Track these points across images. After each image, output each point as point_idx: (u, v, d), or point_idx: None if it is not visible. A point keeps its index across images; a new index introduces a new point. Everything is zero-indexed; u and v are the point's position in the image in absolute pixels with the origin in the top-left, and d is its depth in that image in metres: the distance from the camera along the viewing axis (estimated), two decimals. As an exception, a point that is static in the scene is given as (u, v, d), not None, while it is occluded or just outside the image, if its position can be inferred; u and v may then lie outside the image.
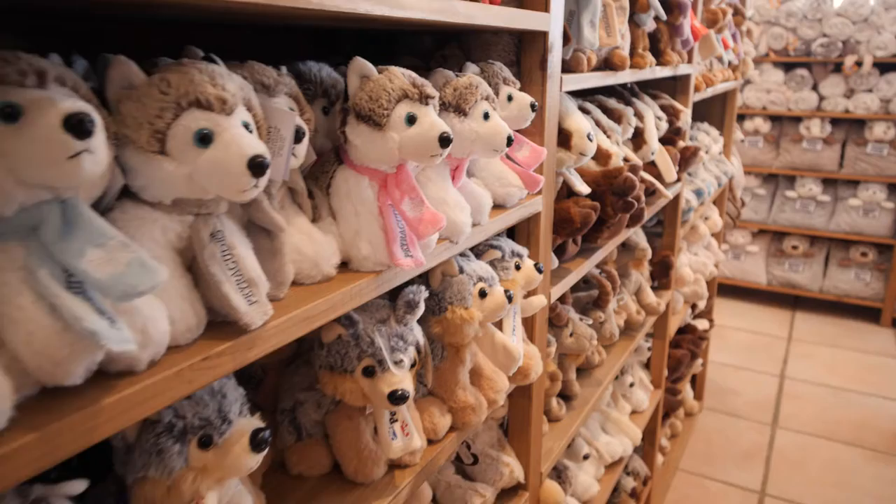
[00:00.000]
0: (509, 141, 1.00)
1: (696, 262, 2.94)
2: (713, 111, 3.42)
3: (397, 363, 0.89)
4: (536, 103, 1.16)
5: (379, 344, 0.88)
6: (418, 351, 0.94)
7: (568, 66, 1.42)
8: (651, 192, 2.08)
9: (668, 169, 2.11)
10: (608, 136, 1.75)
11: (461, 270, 1.05)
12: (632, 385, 2.24)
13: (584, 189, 1.45)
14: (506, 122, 1.13)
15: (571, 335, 1.63)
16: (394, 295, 0.96)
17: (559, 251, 1.53)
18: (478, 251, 1.19)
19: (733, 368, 4.07)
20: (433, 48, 1.34)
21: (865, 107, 4.49)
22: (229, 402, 0.71)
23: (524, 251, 1.25)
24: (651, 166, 2.12)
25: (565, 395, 1.78)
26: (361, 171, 0.85)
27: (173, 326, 0.61)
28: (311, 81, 0.94)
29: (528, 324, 1.36)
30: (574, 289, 1.86)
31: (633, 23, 1.75)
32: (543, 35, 1.21)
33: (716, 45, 2.40)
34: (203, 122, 0.60)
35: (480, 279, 1.06)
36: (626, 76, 1.66)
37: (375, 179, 0.85)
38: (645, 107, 2.02)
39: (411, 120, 0.82)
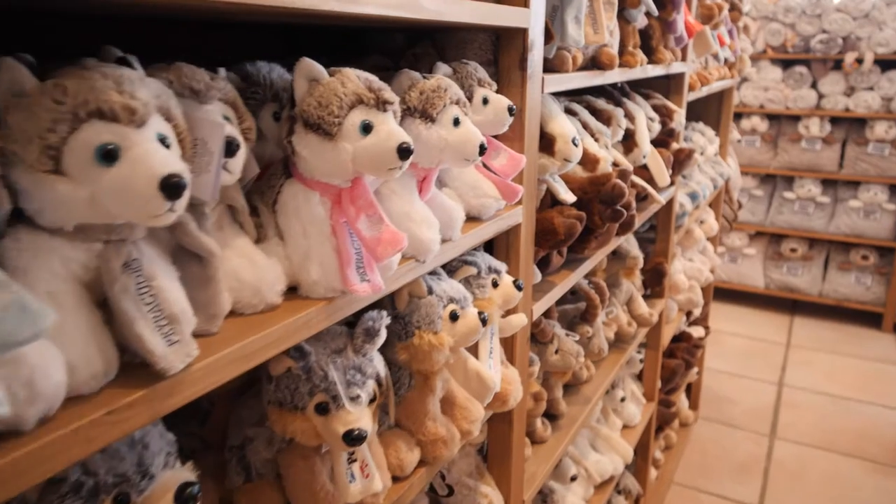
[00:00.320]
0: (482, 149, 0.93)
1: (690, 269, 2.87)
2: (709, 110, 3.35)
3: (354, 399, 0.81)
4: (514, 106, 1.08)
5: (333, 378, 0.80)
6: (379, 384, 0.86)
7: (551, 66, 1.35)
8: (643, 198, 2.01)
9: (661, 173, 2.04)
10: (596, 140, 1.67)
11: (430, 291, 0.98)
12: (623, 399, 2.17)
13: (569, 197, 1.37)
14: (481, 127, 1.06)
15: (557, 352, 1.55)
16: (357, 320, 0.88)
17: (543, 263, 1.45)
18: (451, 268, 1.12)
19: (730, 376, 4.01)
20: (405, 47, 1.26)
21: (866, 105, 4.43)
22: (152, 454, 0.63)
23: (502, 267, 1.18)
24: (643, 170, 2.05)
25: (551, 414, 1.71)
26: (312, 186, 0.77)
27: (74, 374, 0.53)
28: (260, 84, 0.86)
29: (508, 344, 1.29)
30: (560, 301, 1.78)
31: (623, 19, 1.68)
32: (522, 32, 1.14)
33: (711, 42, 2.33)
34: (106, 136, 0.52)
35: (452, 300, 0.99)
36: (614, 76, 1.59)
37: (328, 195, 0.77)
38: (636, 107, 1.94)
39: (366, 128, 0.74)
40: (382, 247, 0.76)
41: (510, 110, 1.08)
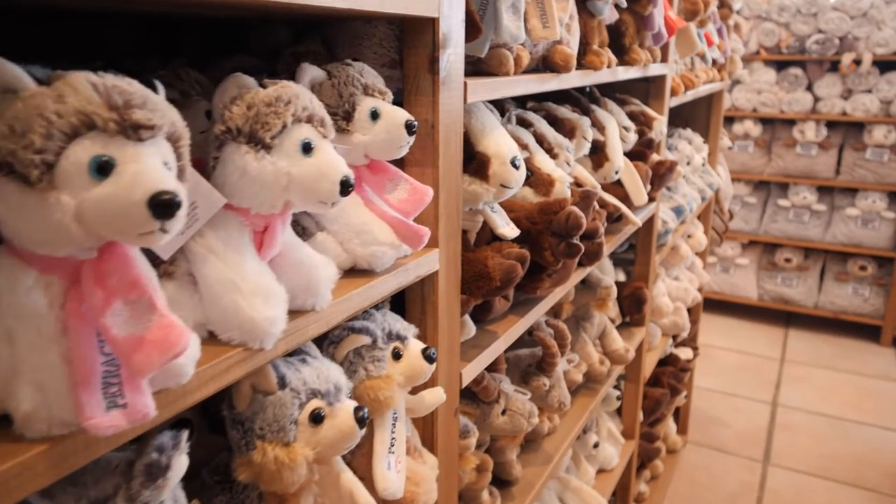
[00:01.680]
0: (346, 186, 0.63)
1: (676, 289, 2.57)
2: (697, 115, 3.05)
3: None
4: (415, 122, 0.79)
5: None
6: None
7: (486, 68, 1.05)
8: (616, 218, 1.71)
9: (637, 189, 1.74)
10: (554, 155, 1.38)
11: (283, 382, 0.68)
12: (596, 445, 1.88)
13: (508, 232, 1.08)
14: (370, 149, 0.76)
15: (504, 413, 1.26)
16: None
17: (483, 309, 1.16)
18: (333, 339, 0.82)
19: (721, 395, 3.71)
20: (292, 42, 0.97)
21: (864, 109, 4.13)
22: None
23: (409, 331, 0.88)
24: (617, 186, 1.76)
25: (503, 481, 1.41)
26: (26, 259, 0.47)
27: None
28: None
29: (428, 423, 0.99)
30: (515, 344, 1.49)
31: (587, 12, 1.38)
32: (431, 23, 0.84)
33: (696, 40, 2.04)
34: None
35: (315, 394, 0.69)
36: (573, 79, 1.29)
37: (56, 272, 0.48)
38: (607, 116, 1.65)
39: (101, 169, 0.45)
40: (144, 353, 0.47)
41: (409, 127, 0.78)
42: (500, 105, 1.44)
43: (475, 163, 1.02)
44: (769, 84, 4.41)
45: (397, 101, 0.87)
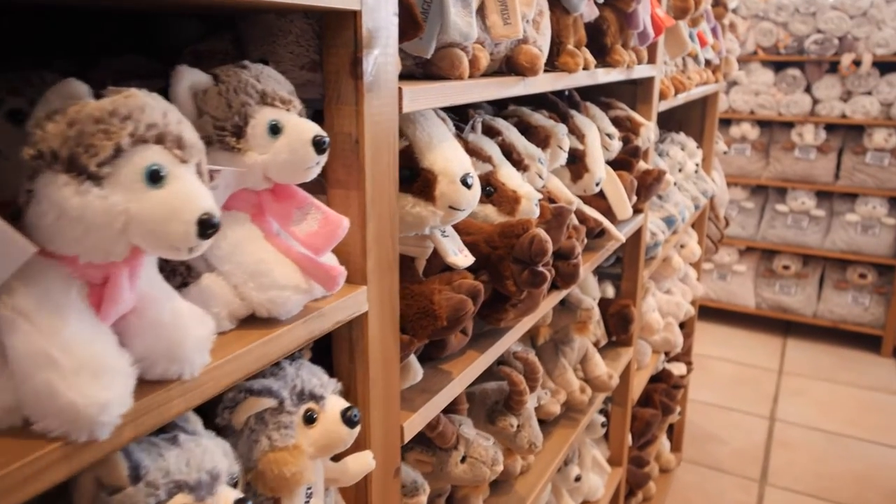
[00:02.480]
0: (206, 227, 0.48)
1: (667, 304, 2.42)
2: (691, 118, 2.90)
3: None
4: (325, 137, 0.64)
5: None
6: None
7: (436, 70, 0.90)
8: (598, 234, 1.57)
9: (621, 202, 1.59)
10: (524, 168, 1.23)
11: (137, 474, 0.53)
12: (578, 479, 1.73)
13: (460, 261, 0.92)
14: (271, 170, 0.62)
15: (464, 460, 1.11)
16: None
17: (434, 346, 1.01)
18: (229, 402, 0.67)
19: (717, 409, 3.56)
20: (202, 38, 0.82)
21: (864, 111, 3.98)
22: None
23: (328, 387, 0.73)
24: (600, 199, 1.60)
25: (467, 530, 1.26)
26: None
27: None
28: None
29: (362, 488, 0.84)
30: (484, 375, 1.33)
31: (561, 8, 1.23)
32: (353, 17, 0.69)
33: (686, 40, 1.89)
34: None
35: (180, 488, 0.54)
36: (542, 83, 1.14)
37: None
38: (587, 122, 1.50)
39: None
40: None
41: (318, 144, 0.63)
42: (466, 112, 1.29)
43: (420, 181, 0.87)
44: (767, 85, 4.25)
45: (319, 112, 0.73)
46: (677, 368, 2.87)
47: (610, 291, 2.17)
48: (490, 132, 1.25)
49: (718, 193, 2.97)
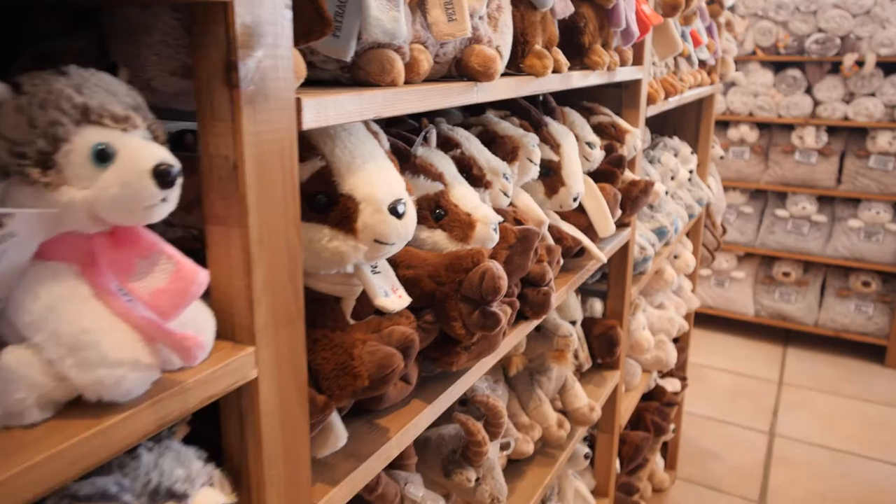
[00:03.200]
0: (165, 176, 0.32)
1: (659, 320, 2.26)
2: (686, 122, 2.74)
3: None
4: (170, 166, 0.48)
5: None
6: None
7: (363, 76, 0.74)
8: (577, 252, 1.41)
9: (602, 217, 1.43)
10: (485, 185, 1.07)
11: None
12: (556, 520, 1.57)
13: (390, 304, 0.76)
14: (99, 209, 0.46)
15: (410, 526, 0.95)
16: None
17: (370, 399, 0.85)
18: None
19: (714, 423, 3.40)
20: (63, 34, 0.66)
21: (867, 113, 3.81)
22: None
23: (196, 478, 0.57)
24: (580, 214, 1.45)
25: None
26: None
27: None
28: None
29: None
30: (447, 413, 1.17)
31: (526, 3, 1.07)
32: (223, 9, 0.53)
33: (677, 39, 1.72)
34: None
35: None
36: (500, 89, 0.98)
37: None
38: (563, 130, 1.34)
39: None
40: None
41: (161, 175, 0.47)
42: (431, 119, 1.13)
43: (338, 210, 0.71)
44: (766, 86, 4.08)
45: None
46: (671, 384, 2.71)
47: (598, 308, 2.01)
48: (447, 144, 1.09)
49: (714, 201, 2.80)
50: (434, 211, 0.94)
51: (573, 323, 1.65)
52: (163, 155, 0.48)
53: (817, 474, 2.99)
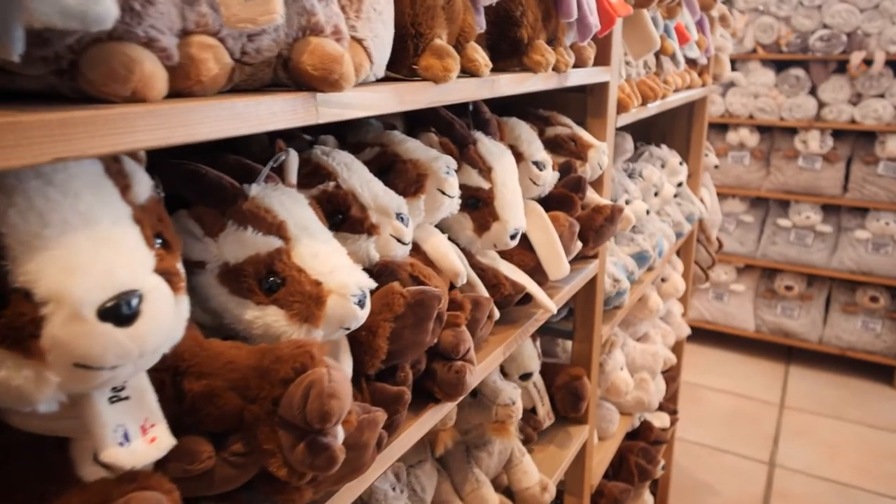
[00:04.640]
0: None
1: (641, 356, 1.94)
2: (676, 127, 2.42)
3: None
4: None
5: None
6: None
7: (87, 86, 0.44)
8: (522, 300, 1.10)
9: (554, 257, 1.13)
10: (369, 231, 0.76)
11: None
12: None
13: (124, 457, 0.45)
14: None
15: None
16: None
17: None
18: None
19: (710, 451, 3.08)
20: None
21: (876, 116, 3.47)
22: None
23: None
24: (527, 251, 1.14)
25: None
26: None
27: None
28: None
29: None
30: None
31: (424, -20, 0.76)
32: None
33: (653, 34, 1.41)
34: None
35: None
36: (364, 103, 0.67)
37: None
38: (496, 150, 1.03)
39: None
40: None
41: None
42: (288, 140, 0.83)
43: (5, 317, 0.41)
44: (767, 87, 3.75)
45: None
46: (659, 419, 2.38)
47: (569, 346, 1.70)
48: (316, 175, 0.78)
49: (708, 216, 2.48)
50: (266, 279, 0.64)
51: (528, 376, 1.35)
52: None
53: (820, 512, 2.68)
